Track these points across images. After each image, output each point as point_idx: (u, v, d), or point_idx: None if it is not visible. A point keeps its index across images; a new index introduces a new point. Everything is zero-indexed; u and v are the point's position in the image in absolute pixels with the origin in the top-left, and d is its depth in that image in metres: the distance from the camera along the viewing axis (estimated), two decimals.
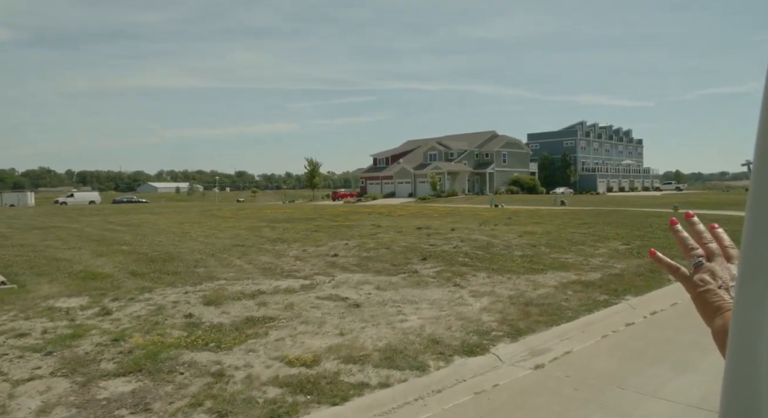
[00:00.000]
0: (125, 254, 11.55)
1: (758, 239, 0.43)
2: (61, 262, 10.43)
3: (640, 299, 7.46)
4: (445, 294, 7.74)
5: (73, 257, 11.08)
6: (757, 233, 0.43)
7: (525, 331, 5.87)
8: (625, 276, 8.92)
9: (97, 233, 16.76)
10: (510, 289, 8.01)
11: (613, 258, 10.90)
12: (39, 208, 48.41)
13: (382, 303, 7.22)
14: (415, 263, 10.10)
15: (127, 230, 17.90)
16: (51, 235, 16.37)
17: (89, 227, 19.29)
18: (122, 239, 14.60)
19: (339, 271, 9.41)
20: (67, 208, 44.89)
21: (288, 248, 12.18)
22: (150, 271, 9.41)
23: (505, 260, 10.47)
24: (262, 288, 8.08)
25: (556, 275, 9.07)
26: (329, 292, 7.85)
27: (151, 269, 9.63)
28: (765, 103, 0.42)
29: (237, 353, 5.22)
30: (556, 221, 19.57)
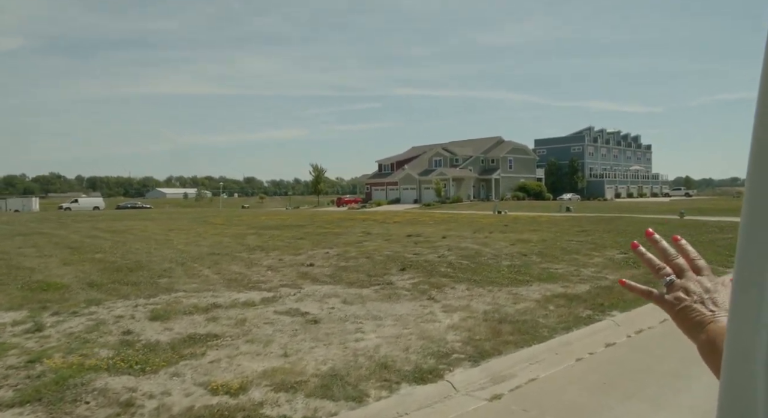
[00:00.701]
0: (94, 262, 11.05)
1: (752, 248, 0.43)
2: (22, 271, 9.94)
3: (627, 315, 6.80)
4: (415, 309, 7.14)
5: (38, 266, 10.59)
6: (751, 243, 0.43)
7: (490, 353, 5.25)
8: (615, 289, 8.26)
9: (77, 240, 16.30)
10: (487, 303, 7.40)
11: (607, 268, 10.24)
12: (39, 214, 48.34)
13: (343, 319, 6.63)
14: (393, 274, 9.50)
15: (111, 237, 17.43)
16: (30, 242, 15.95)
17: (75, 234, 18.85)
18: (100, 247, 14.12)
19: (309, 282, 8.83)
20: (65, 214, 44.71)
21: (265, 256, 11.63)
22: (110, 281, 8.89)
23: (490, 271, 9.84)
24: (220, 301, 7.52)
25: (542, 288, 8.44)
26: (290, 306, 7.28)
27: (112, 279, 9.10)
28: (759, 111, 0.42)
29: (159, 378, 4.65)
30: (554, 228, 18.88)
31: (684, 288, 0.74)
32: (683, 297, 0.74)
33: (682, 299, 0.73)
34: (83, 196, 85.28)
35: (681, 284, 0.75)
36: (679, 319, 0.73)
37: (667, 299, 0.76)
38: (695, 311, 0.71)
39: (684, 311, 0.72)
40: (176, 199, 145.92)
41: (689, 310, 0.72)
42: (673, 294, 0.75)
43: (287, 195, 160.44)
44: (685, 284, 0.75)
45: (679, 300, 0.74)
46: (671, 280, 0.77)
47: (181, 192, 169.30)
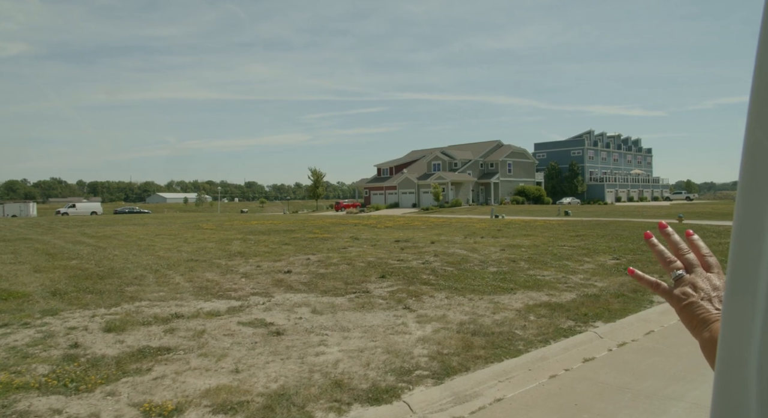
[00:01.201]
0: (67, 269, 10.69)
1: (743, 254, 0.43)
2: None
3: (611, 326, 6.41)
4: (388, 319, 6.75)
5: (7, 273, 10.23)
6: (742, 248, 0.43)
7: (457, 369, 4.87)
8: (602, 297, 7.88)
9: (59, 246, 15.94)
10: (465, 313, 7.01)
11: (597, 275, 9.85)
12: (34, 219, 48.05)
13: (308, 331, 6.25)
14: (372, 282, 9.12)
15: (94, 242, 17.06)
16: (10, 248, 15.58)
17: (59, 239, 18.49)
18: (78, 253, 13.75)
19: (282, 290, 8.45)
20: (58, 219, 44.43)
21: (244, 263, 11.25)
22: (75, 290, 8.52)
23: (474, 278, 9.46)
24: (183, 311, 7.14)
25: (525, 296, 8.05)
26: (256, 316, 6.90)
27: (78, 287, 8.74)
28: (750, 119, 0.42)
29: (93, 397, 4.28)
30: (548, 232, 18.47)
31: (692, 284, 0.74)
32: (691, 293, 0.73)
33: (690, 294, 0.73)
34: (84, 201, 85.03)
35: (690, 279, 0.75)
36: (684, 314, 0.73)
37: (675, 293, 0.75)
38: (701, 308, 0.71)
39: (690, 306, 0.73)
40: (177, 203, 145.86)
41: (695, 306, 0.72)
42: (680, 289, 0.75)
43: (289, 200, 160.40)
44: (693, 280, 0.74)
45: (687, 295, 0.73)
46: (680, 274, 0.76)
47: (182, 197, 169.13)
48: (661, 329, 6.45)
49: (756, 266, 0.42)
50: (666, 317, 6.91)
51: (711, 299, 0.72)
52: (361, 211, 62.91)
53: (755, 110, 0.42)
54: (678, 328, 6.44)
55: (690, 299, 0.72)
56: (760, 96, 0.42)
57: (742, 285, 0.43)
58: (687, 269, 0.76)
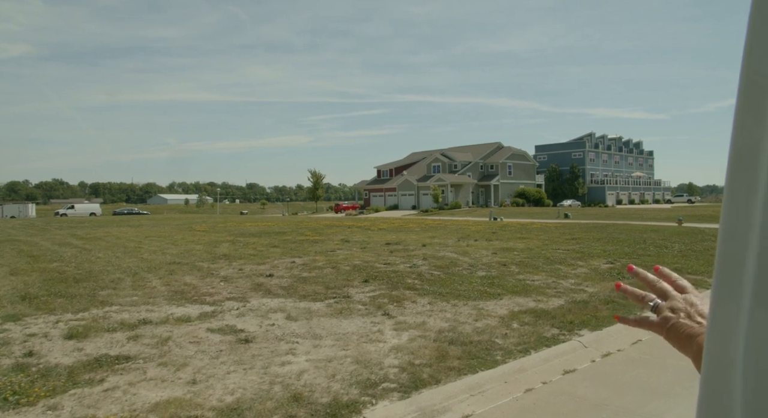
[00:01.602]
0: (44, 272, 10.42)
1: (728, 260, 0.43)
2: None
3: (597, 334, 6.11)
4: (364, 326, 6.47)
5: None
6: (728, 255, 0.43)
7: (427, 382, 4.57)
8: (591, 303, 7.58)
9: (44, 248, 15.69)
10: (446, 320, 6.72)
11: (588, 280, 9.54)
12: (30, 220, 47.87)
13: (279, 338, 5.97)
14: (354, 286, 8.83)
15: (82, 244, 16.81)
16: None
17: (47, 241, 18.24)
18: (62, 255, 13.49)
19: (260, 295, 8.17)
20: (53, 220, 44.23)
21: (227, 266, 10.97)
22: (46, 293, 8.26)
23: (461, 282, 9.16)
24: (153, 316, 6.87)
25: (512, 302, 7.76)
26: (227, 322, 6.62)
27: (50, 291, 8.47)
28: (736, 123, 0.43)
29: (32, 412, 4.00)
30: (544, 235, 18.16)
31: (670, 307, 0.77)
32: (670, 316, 0.75)
33: (670, 318, 0.75)
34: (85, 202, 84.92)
35: (666, 304, 0.78)
36: (671, 338, 0.75)
37: (655, 322, 0.77)
38: (684, 326, 0.73)
39: (673, 328, 0.74)
40: (178, 205, 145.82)
41: (678, 326, 0.74)
42: (661, 316, 0.77)
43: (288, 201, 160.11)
44: (670, 304, 0.77)
45: (667, 319, 0.75)
46: (656, 303, 0.79)
47: (183, 198, 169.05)
48: (650, 337, 6.14)
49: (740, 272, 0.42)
50: None
51: (690, 315, 0.73)
52: (361, 212, 62.66)
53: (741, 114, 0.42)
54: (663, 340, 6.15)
55: (671, 322, 0.74)
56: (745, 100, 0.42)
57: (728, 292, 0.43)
58: (661, 297, 0.79)
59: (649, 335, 6.30)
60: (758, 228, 0.41)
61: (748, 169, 0.42)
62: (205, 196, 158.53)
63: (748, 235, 0.41)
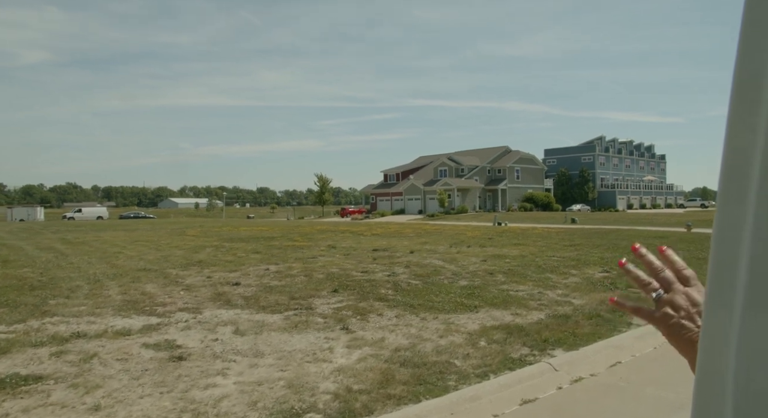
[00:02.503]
0: (5, 278, 9.97)
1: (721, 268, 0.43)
2: None
3: (572, 355, 5.46)
4: (316, 342, 5.88)
5: None
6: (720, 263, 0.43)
7: (358, 413, 3.98)
8: (573, 318, 6.92)
9: (23, 253, 15.30)
10: (408, 336, 6.11)
11: (578, 290, 8.88)
12: (28, 223, 47.96)
13: (216, 356, 5.40)
14: (321, 296, 8.25)
15: (64, 248, 16.45)
16: None
17: (31, 245, 17.88)
18: (35, 260, 13.07)
19: (217, 306, 7.62)
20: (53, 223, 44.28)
21: (197, 273, 10.45)
22: None
23: (438, 293, 8.55)
24: (91, 329, 6.34)
25: (487, 315, 7.13)
26: (168, 337, 6.07)
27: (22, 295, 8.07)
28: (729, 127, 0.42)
29: None
30: (542, 241, 17.45)
31: (671, 303, 0.73)
32: (671, 313, 0.72)
33: (670, 315, 0.72)
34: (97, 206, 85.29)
35: (668, 298, 0.74)
36: (670, 336, 0.72)
37: (656, 316, 0.74)
38: (684, 328, 0.71)
39: (674, 328, 0.72)
40: (187, 209, 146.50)
41: (679, 327, 0.71)
42: (661, 311, 0.73)
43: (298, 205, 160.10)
44: (671, 299, 0.73)
45: (668, 317, 0.72)
46: (659, 295, 0.75)
47: (194, 202, 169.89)
48: (631, 359, 5.49)
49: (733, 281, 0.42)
50: (641, 343, 5.96)
51: (692, 316, 0.71)
52: (366, 217, 62.17)
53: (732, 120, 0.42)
54: (651, 359, 5.49)
55: (672, 321, 0.72)
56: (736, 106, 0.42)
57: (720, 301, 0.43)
58: (665, 288, 0.75)
59: (632, 355, 5.65)
60: (749, 235, 0.40)
61: (739, 176, 0.41)
62: (215, 200, 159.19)
63: (739, 241, 0.41)
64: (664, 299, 0.73)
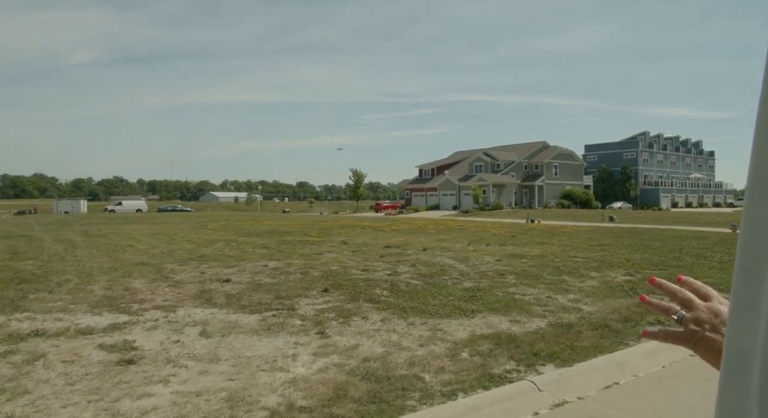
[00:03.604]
0: (2, 271, 9.92)
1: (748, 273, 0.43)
2: None
3: (561, 373, 4.79)
4: (283, 348, 5.40)
5: None
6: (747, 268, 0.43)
7: None
8: (575, 328, 6.22)
9: (38, 244, 15.46)
10: (385, 344, 5.56)
11: (592, 296, 8.11)
12: (74, 215, 49.47)
13: (169, 360, 4.99)
14: (309, 296, 7.77)
15: (80, 241, 16.60)
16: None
17: (50, 237, 18.15)
18: (43, 252, 13.10)
19: (195, 304, 7.24)
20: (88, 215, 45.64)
21: (192, 268, 10.14)
22: None
23: (437, 295, 7.94)
24: (55, 326, 6.05)
25: (482, 322, 6.50)
26: (129, 337, 5.70)
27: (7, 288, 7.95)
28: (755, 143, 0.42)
29: None
30: (568, 240, 16.51)
31: (694, 319, 0.74)
32: (695, 329, 0.73)
33: (695, 331, 0.73)
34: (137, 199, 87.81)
35: (690, 316, 0.75)
36: (700, 351, 0.72)
37: (684, 336, 0.74)
38: (710, 341, 0.70)
39: (701, 342, 0.71)
40: (227, 202, 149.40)
41: (705, 340, 0.71)
42: (687, 329, 0.74)
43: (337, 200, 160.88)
44: (694, 315, 0.74)
45: (693, 333, 0.73)
46: (680, 315, 0.76)
47: (234, 196, 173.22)
48: (632, 380, 4.77)
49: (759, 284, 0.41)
50: (649, 360, 5.22)
51: (716, 327, 0.71)
52: (400, 212, 61.68)
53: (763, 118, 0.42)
54: (655, 381, 4.76)
55: (697, 336, 0.71)
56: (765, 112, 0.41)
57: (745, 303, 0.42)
58: (686, 307, 0.75)
59: (634, 375, 4.93)
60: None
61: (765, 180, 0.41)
62: (255, 194, 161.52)
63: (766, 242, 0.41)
64: (687, 318, 0.74)
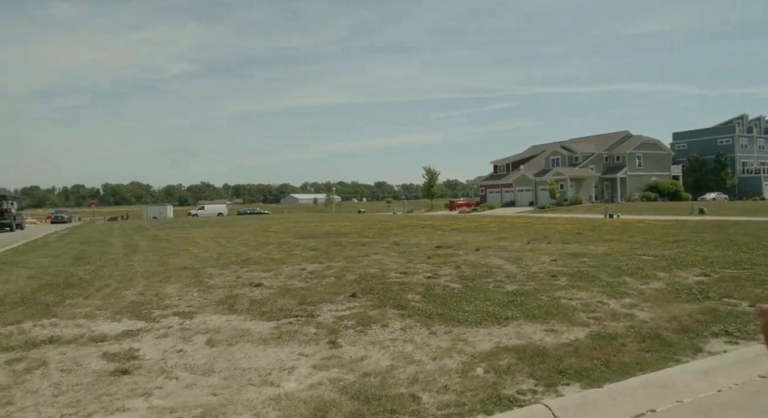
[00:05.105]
0: (58, 275, 10.37)
1: None
2: None
3: (586, 395, 4.09)
4: (285, 359, 5.07)
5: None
6: None
7: None
8: (619, 339, 5.41)
9: (106, 249, 16.25)
10: (396, 356, 5.08)
11: (652, 300, 7.16)
12: (159, 220, 52.44)
13: (163, 371, 4.79)
14: (334, 302, 7.40)
15: (145, 245, 17.36)
16: (58, 251, 16.20)
17: (120, 242, 19.16)
18: (102, 257, 13.70)
19: (216, 310, 7.09)
20: (170, 221, 48.25)
21: (230, 273, 10.08)
22: (18, 301, 7.95)
23: (474, 300, 7.33)
24: (72, 333, 6.07)
25: (514, 331, 5.85)
26: (135, 345, 5.60)
27: (26, 297, 8.19)
28: None
29: None
30: (641, 236, 15.11)
31: None
32: None
33: None
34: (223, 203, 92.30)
35: None
36: None
37: None
38: None
39: None
40: (306, 204, 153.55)
41: None
42: None
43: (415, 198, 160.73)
44: None
45: None
46: None
47: (312, 197, 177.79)
48: (673, 406, 3.99)
49: None
50: (703, 382, 4.38)
51: None
52: (474, 210, 60.49)
53: None
54: (702, 409, 3.94)
55: None
56: None
57: None
58: None
59: (678, 400, 4.13)
60: None
61: None
62: (333, 195, 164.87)
63: None
64: None
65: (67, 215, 62.13)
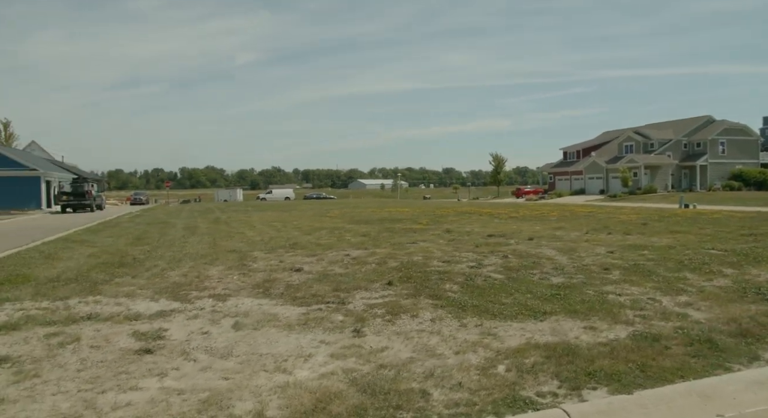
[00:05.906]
0: (115, 254, 10.87)
1: None
2: None
3: (611, 402, 3.75)
4: (305, 346, 5.02)
5: (56, 256, 10.75)
6: None
7: None
8: (663, 341, 4.96)
9: (167, 230, 16.96)
10: (419, 348, 4.91)
11: (711, 299, 6.56)
12: (228, 203, 54.40)
13: (183, 352, 4.86)
14: (370, 289, 7.27)
15: (204, 227, 17.98)
16: (124, 231, 17.06)
17: (183, 223, 19.97)
18: (164, 238, 14.28)
19: (251, 294, 7.14)
20: (234, 204, 50.13)
21: (275, 257, 10.15)
22: (74, 277, 8.37)
23: (515, 292, 6.99)
24: (110, 311, 6.30)
25: (551, 326, 5.52)
26: (165, 325, 5.73)
27: (79, 275, 8.61)
28: None
29: None
30: (712, 228, 13.97)
31: None
32: None
33: None
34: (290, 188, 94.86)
35: None
36: None
37: None
38: None
39: None
40: (374, 190, 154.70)
41: None
42: None
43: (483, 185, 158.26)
44: None
45: None
46: None
47: (380, 183, 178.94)
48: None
49: None
50: (752, 394, 3.90)
51: None
52: (542, 197, 58.82)
53: None
54: None
55: None
56: None
57: None
58: None
59: (713, 416, 3.69)
60: None
61: None
62: (400, 181, 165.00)
63: None
64: None
65: (144, 197, 66.01)
